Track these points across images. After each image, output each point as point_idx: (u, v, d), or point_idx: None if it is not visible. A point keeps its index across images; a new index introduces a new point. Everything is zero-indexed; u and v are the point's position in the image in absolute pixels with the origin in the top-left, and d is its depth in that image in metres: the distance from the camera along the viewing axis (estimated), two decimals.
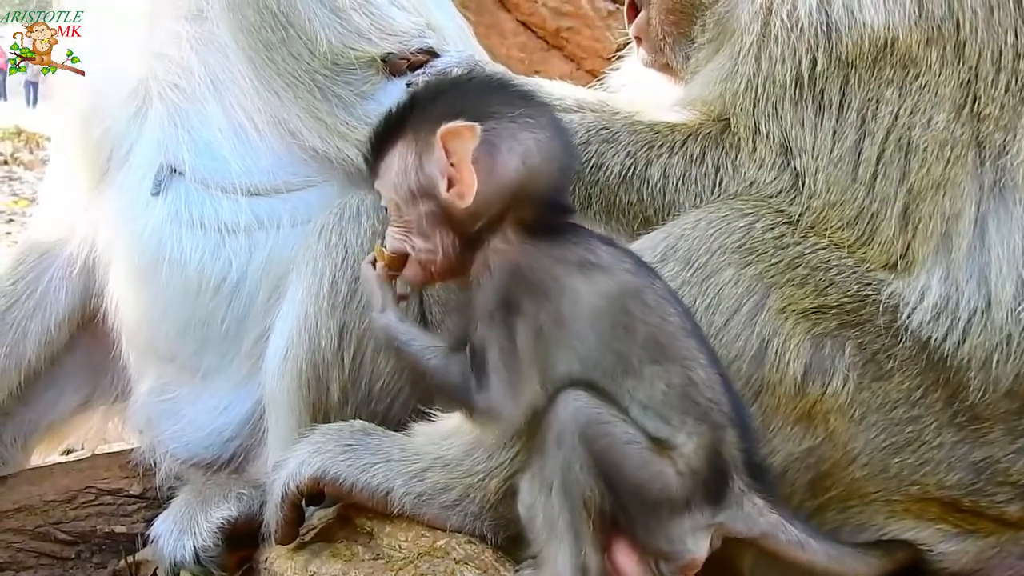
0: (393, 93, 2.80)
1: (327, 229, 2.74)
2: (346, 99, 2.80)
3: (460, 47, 2.95)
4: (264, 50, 2.80)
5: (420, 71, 2.81)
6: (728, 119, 2.44)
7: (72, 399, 3.23)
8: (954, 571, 2.43)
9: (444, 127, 2.09)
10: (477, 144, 2.08)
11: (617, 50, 3.06)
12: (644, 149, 2.48)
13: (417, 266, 2.21)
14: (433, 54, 2.84)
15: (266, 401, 2.82)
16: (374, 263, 2.29)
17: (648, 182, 2.47)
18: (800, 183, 2.38)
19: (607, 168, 2.50)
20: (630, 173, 2.48)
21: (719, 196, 2.41)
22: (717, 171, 2.43)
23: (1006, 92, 2.35)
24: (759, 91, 2.41)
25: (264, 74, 2.80)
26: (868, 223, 2.36)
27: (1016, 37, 2.36)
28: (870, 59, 2.35)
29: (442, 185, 2.12)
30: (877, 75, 2.36)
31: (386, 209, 2.26)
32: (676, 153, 2.46)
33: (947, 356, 2.33)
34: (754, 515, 2.06)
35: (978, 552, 2.42)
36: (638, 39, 2.83)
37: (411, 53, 2.84)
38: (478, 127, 2.08)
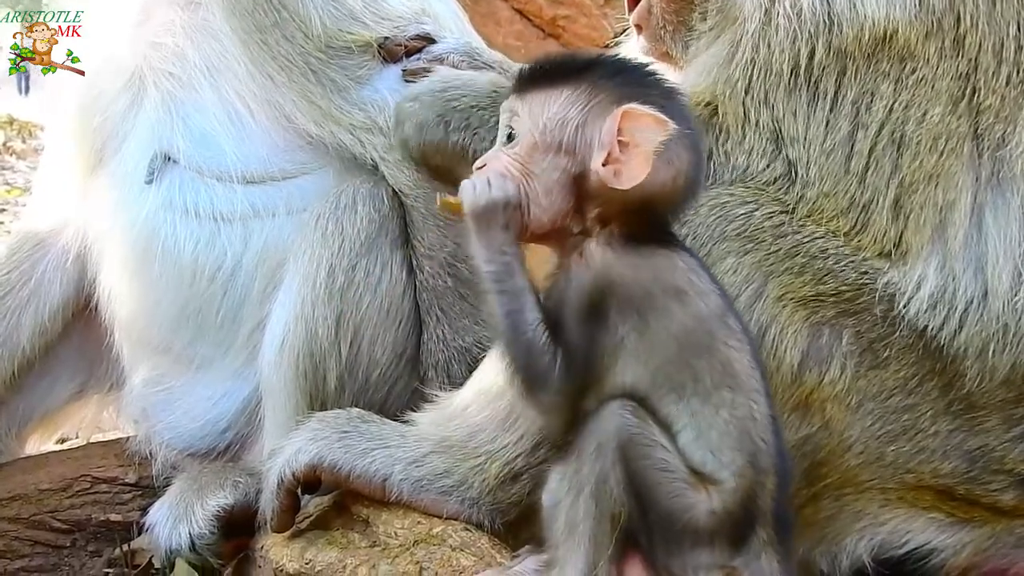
0: (389, 79, 2.80)
1: (323, 217, 2.74)
2: (340, 83, 2.79)
3: (456, 34, 2.95)
4: (257, 33, 2.80)
5: (416, 56, 2.81)
6: (717, 106, 2.44)
7: (67, 387, 3.22)
8: (956, 566, 2.44)
9: (631, 106, 2.02)
10: (663, 139, 1.99)
11: (614, 37, 3.05)
12: None
13: (513, 212, 2.07)
14: (429, 40, 2.84)
15: (263, 390, 2.83)
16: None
17: None
18: (793, 172, 2.38)
19: None
20: None
21: (713, 183, 2.41)
22: (708, 157, 2.42)
23: (1007, 84, 2.36)
24: (753, 78, 2.40)
25: (258, 58, 2.80)
26: (861, 213, 2.36)
27: (1019, 29, 2.37)
28: (868, 52, 2.36)
29: (598, 156, 2.04)
30: (874, 68, 2.36)
31: (508, 137, 2.13)
32: None
33: (943, 345, 2.34)
34: (766, 571, 2.01)
35: (976, 543, 2.43)
36: (638, 27, 2.82)
37: (407, 39, 2.83)
38: (671, 124, 2.00)
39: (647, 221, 2.09)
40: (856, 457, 2.37)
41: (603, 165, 2.03)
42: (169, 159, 2.87)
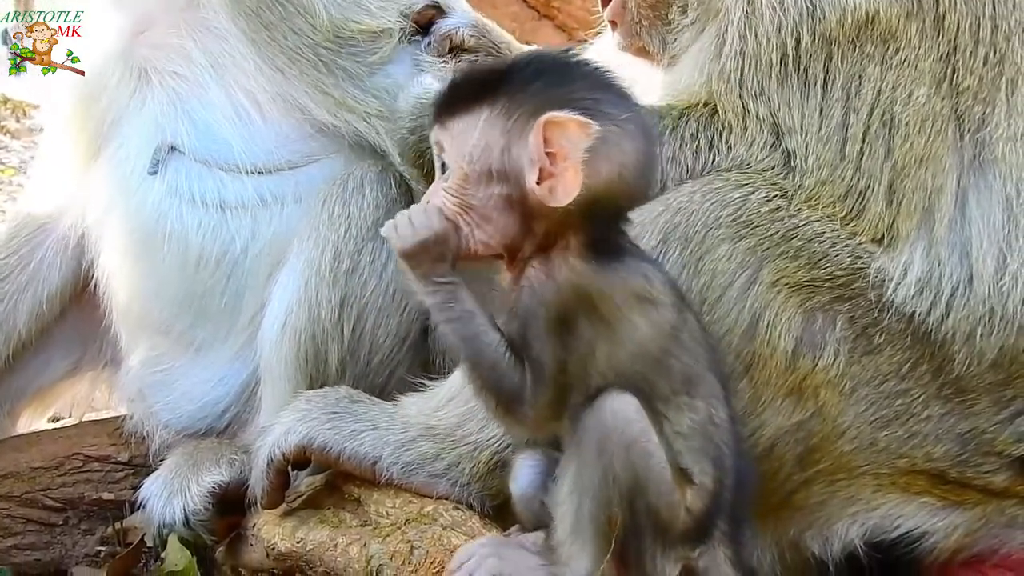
0: (402, 64, 2.80)
1: (330, 200, 2.74)
2: (352, 71, 2.80)
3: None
4: (265, 31, 2.80)
5: (427, 37, 2.78)
6: (716, 104, 2.42)
7: (60, 365, 3.22)
8: (946, 548, 2.45)
9: (551, 115, 1.93)
10: (589, 144, 1.92)
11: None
12: None
13: (462, 243, 2.02)
14: (440, 10, 2.81)
15: (262, 371, 2.83)
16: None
17: None
18: (791, 162, 2.37)
19: None
20: None
21: (710, 172, 2.40)
22: (711, 148, 2.41)
23: (984, 64, 2.37)
24: (745, 71, 2.39)
25: (267, 54, 2.80)
26: (857, 200, 2.36)
27: (994, 9, 2.37)
28: (852, 35, 2.36)
29: (531, 176, 1.96)
30: (859, 51, 2.36)
31: (442, 166, 2.07)
32: (668, 132, 2.42)
33: (932, 330, 2.35)
34: (719, 562, 2.03)
35: (967, 525, 2.43)
36: (613, 23, 2.81)
37: (417, 12, 2.82)
38: (593, 126, 1.91)
39: (602, 224, 2.03)
40: (849, 443, 2.37)
41: (538, 183, 1.96)
42: (174, 150, 2.86)
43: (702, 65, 2.46)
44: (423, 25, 2.83)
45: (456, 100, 2.05)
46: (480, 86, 2.04)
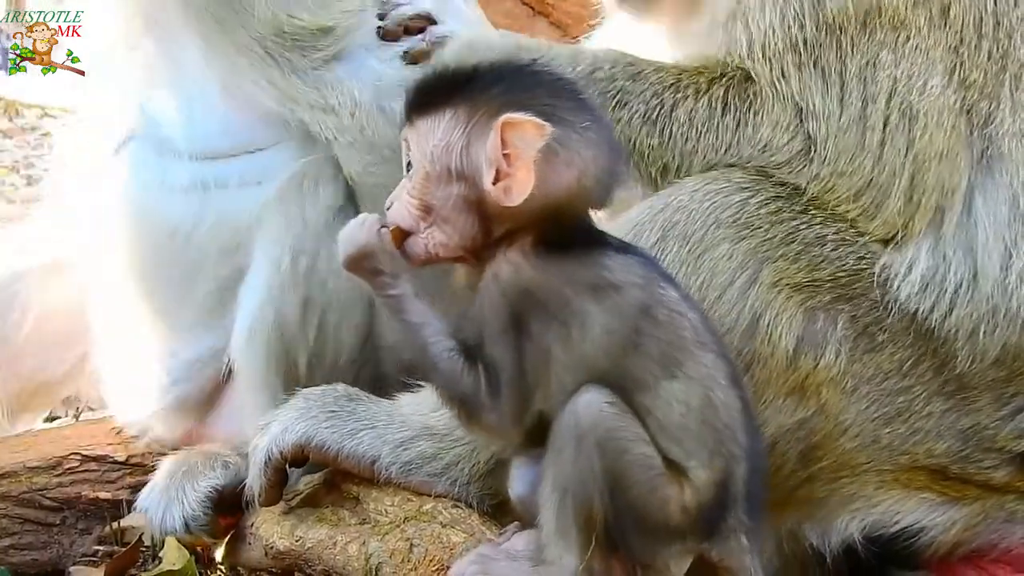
0: (355, 64, 2.79)
1: (286, 202, 2.76)
2: (297, 64, 2.77)
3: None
4: (216, 24, 2.77)
5: (419, 37, 2.78)
6: (748, 71, 2.39)
7: (57, 364, 3.22)
8: (945, 542, 2.45)
9: (508, 116, 1.96)
10: (541, 145, 1.95)
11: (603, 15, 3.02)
12: (671, 90, 2.41)
13: (423, 244, 2.05)
14: (430, 20, 2.81)
15: (237, 374, 2.84)
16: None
17: (673, 125, 2.41)
18: (812, 148, 2.34)
19: (631, 106, 2.43)
20: (655, 114, 2.41)
21: (731, 155, 2.38)
22: (737, 127, 2.38)
23: (988, 59, 2.36)
24: (765, 54, 2.37)
25: (218, 44, 2.78)
26: (877, 194, 2.34)
27: (995, 3, 2.36)
28: (859, 22, 2.34)
29: (488, 176, 1.98)
30: (870, 37, 2.34)
31: (407, 165, 2.10)
32: (702, 97, 2.40)
33: (934, 327, 2.35)
34: (735, 551, 2.00)
35: (966, 520, 2.44)
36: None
37: (407, 19, 2.81)
38: (548, 127, 1.94)
39: (562, 227, 2.04)
40: (851, 440, 2.37)
41: (494, 183, 1.98)
42: (132, 138, 2.90)
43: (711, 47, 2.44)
44: (414, 32, 2.81)
45: (421, 99, 2.08)
46: (447, 87, 2.07)
